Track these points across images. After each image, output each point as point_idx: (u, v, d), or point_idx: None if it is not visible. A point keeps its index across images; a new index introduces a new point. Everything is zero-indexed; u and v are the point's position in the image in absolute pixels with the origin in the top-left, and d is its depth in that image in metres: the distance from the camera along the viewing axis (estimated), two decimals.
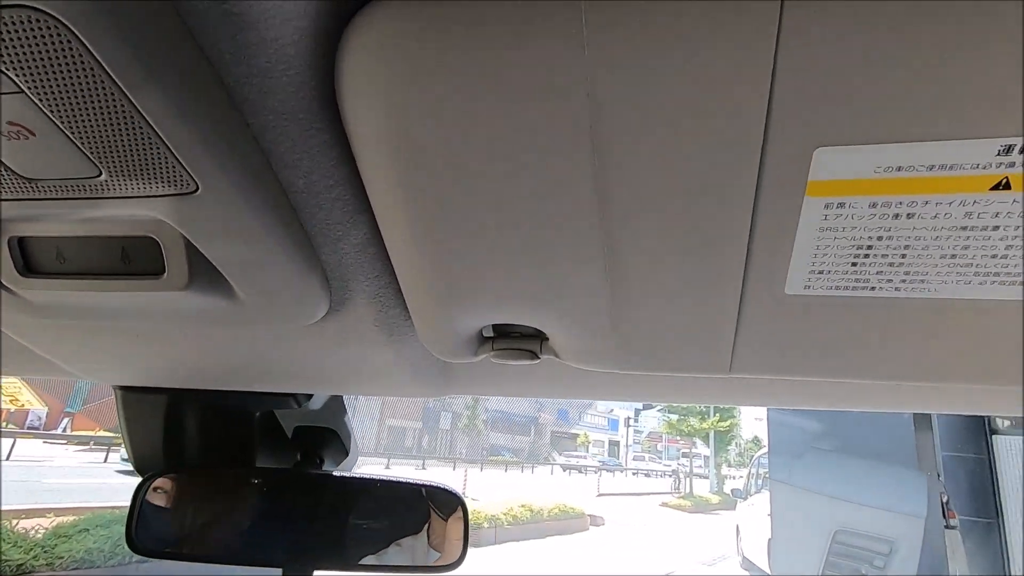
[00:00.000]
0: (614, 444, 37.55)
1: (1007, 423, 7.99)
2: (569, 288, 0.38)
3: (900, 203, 0.28)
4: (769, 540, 6.44)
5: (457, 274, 0.38)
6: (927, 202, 0.28)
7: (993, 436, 7.63)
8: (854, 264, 0.32)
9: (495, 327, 0.48)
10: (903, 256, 0.31)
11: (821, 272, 0.33)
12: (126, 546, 0.69)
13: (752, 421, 26.80)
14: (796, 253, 0.32)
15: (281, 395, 0.70)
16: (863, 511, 4.59)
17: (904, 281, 0.32)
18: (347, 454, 0.82)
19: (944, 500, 5.10)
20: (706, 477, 22.71)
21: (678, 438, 25.50)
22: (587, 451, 33.04)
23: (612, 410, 39.60)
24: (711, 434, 20.82)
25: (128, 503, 0.70)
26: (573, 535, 10.63)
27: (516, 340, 0.48)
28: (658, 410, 26.36)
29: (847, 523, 4.61)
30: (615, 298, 0.38)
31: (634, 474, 29.80)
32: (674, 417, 21.97)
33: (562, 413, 38.14)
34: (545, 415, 35.48)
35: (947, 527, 4.90)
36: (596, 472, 22.65)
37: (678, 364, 0.44)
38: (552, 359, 0.48)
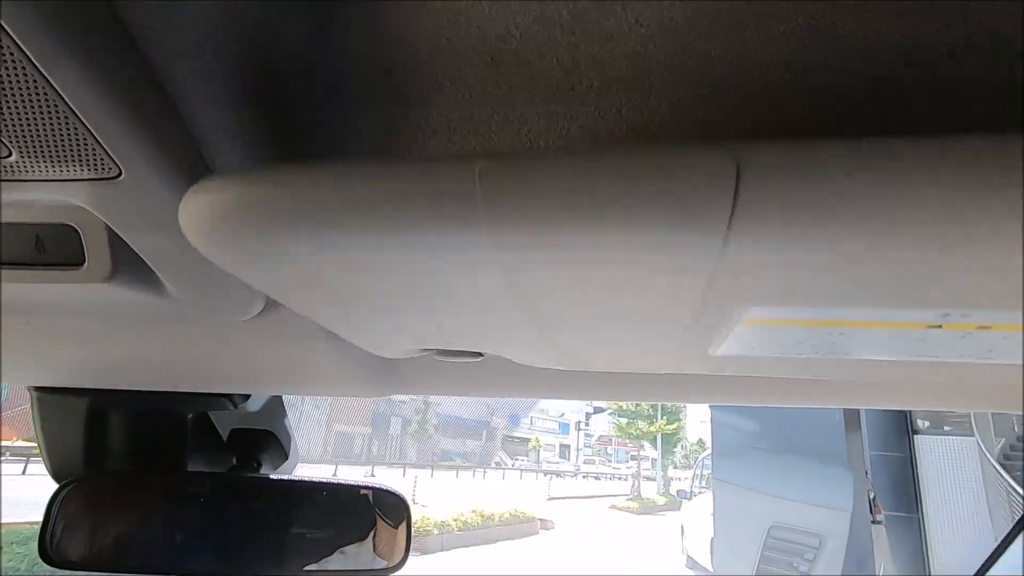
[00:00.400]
0: (565, 447, 37.91)
1: (927, 424, 8.56)
2: (502, 325, 0.39)
3: (832, 331, 0.31)
4: (712, 539, 6.66)
5: (380, 321, 0.38)
6: (859, 329, 0.31)
7: (915, 436, 8.17)
8: (783, 347, 0.35)
9: None
10: (832, 345, 0.34)
11: (754, 347, 0.36)
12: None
13: (697, 424, 27.66)
14: (726, 344, 0.35)
15: (215, 396, 0.67)
16: (796, 507, 4.82)
17: (827, 353, 0.36)
18: (286, 458, 0.79)
19: (871, 496, 5.42)
20: (654, 479, 23.24)
21: (627, 441, 26.01)
22: (538, 455, 33.21)
23: (563, 414, 39.98)
24: (658, 437, 21.33)
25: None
26: (523, 539, 10.64)
27: None
28: (608, 413, 26.81)
29: (782, 519, 4.82)
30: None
31: (584, 477, 30.18)
32: (623, 420, 22.40)
33: (513, 418, 38.19)
34: (496, 419, 35.45)
35: (874, 522, 5.20)
36: (547, 475, 22.81)
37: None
38: (497, 356, 0.48)
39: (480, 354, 0.47)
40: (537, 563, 8.76)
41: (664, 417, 21.02)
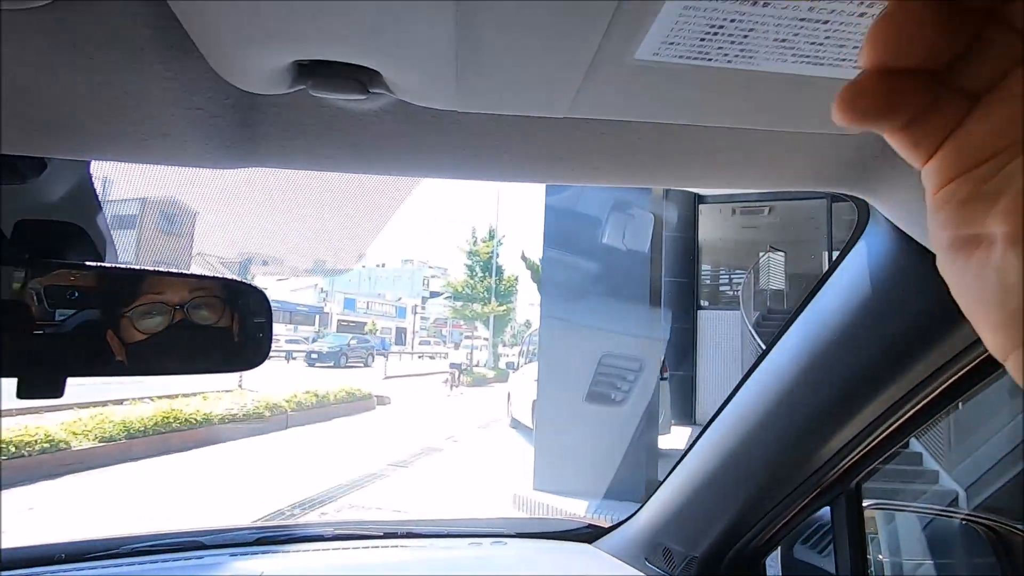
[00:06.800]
0: (401, 331, 38.72)
1: (706, 303, 10.37)
2: (408, 27, 0.34)
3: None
4: (533, 401, 7.53)
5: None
6: None
7: (698, 311, 9.88)
8: (702, 40, 0.35)
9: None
10: (745, 37, 0.34)
11: (672, 44, 0.35)
12: None
13: (526, 306, 30.07)
14: (656, 25, 0.33)
15: None
16: (622, 339, 5.64)
17: (738, 56, 0.36)
18: (101, 260, 0.65)
19: (662, 359, 6.52)
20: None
21: (461, 323, 27.34)
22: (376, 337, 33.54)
23: (400, 299, 40.40)
24: (491, 318, 22.77)
25: None
26: (360, 415, 10.94)
27: (340, 68, 0.41)
28: (444, 298, 27.68)
29: (611, 349, 5.61)
30: (462, 38, 0.35)
31: (419, 357, 31.49)
32: (459, 303, 23.37)
33: (348, 302, 37.60)
34: (331, 304, 34.62)
35: (661, 379, 6.31)
36: (383, 356, 23.29)
37: (519, 104, 0.43)
38: (388, 99, 0.43)
39: (364, 89, 0.41)
40: (375, 434, 9.16)
41: (496, 300, 22.36)
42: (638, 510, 1.25)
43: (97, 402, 7.21)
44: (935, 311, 0.61)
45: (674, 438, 7.79)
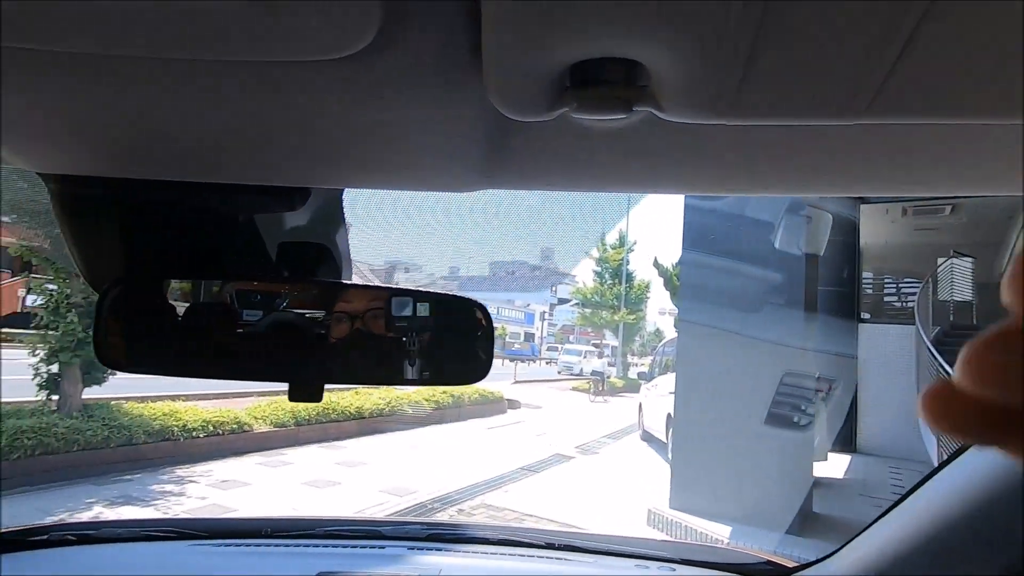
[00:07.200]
0: (529, 336, 39.47)
1: (868, 315, 9.22)
2: (703, 18, 0.30)
3: None
4: (668, 413, 7.20)
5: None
6: None
7: (860, 323, 8.82)
8: None
9: (574, 76, 0.39)
10: None
11: None
12: None
13: (656, 315, 29.08)
14: None
15: (273, 192, 0.57)
16: (808, 355, 5.07)
17: None
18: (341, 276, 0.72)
19: (816, 376, 5.89)
20: (614, 365, 24.62)
21: (589, 330, 27.16)
22: (504, 343, 34.52)
23: (528, 304, 41.24)
24: (620, 326, 22.32)
25: None
26: (492, 417, 11.30)
27: (606, 88, 0.39)
28: (572, 305, 27.70)
29: (792, 366, 5.10)
30: (761, 34, 0.31)
31: (548, 363, 31.84)
32: (587, 310, 23.25)
33: None
34: None
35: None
36: (513, 361, 23.87)
37: (806, 111, 0.38)
38: (645, 115, 0.41)
39: (628, 106, 0.39)
40: (507, 438, 9.40)
41: (626, 308, 21.87)
42: (836, 552, 1.11)
43: (269, 391, 8.24)
44: None
45: (831, 466, 6.98)
